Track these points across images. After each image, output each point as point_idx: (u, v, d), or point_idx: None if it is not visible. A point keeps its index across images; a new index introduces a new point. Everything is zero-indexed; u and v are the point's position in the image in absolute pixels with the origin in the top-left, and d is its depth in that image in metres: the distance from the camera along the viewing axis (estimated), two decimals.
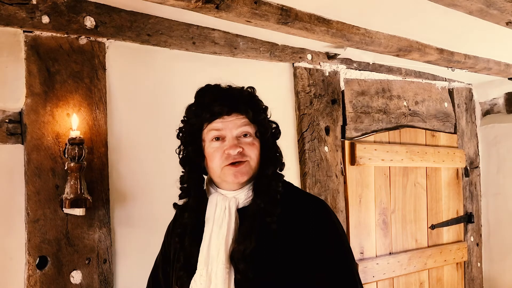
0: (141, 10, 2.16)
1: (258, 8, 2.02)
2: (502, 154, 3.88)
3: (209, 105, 1.47)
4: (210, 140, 1.48)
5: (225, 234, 1.44)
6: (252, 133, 1.48)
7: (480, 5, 2.11)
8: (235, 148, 1.44)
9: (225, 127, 1.46)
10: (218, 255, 1.43)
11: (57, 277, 1.92)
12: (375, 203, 3.14)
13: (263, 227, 1.42)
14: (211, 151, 1.48)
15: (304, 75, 2.84)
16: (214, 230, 1.46)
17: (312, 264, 1.40)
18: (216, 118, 1.46)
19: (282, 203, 1.47)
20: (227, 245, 1.43)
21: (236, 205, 1.48)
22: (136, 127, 2.19)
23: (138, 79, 2.21)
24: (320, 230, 1.45)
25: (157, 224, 2.09)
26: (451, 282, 3.62)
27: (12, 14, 1.86)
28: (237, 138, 1.47)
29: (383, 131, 3.24)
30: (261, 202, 1.45)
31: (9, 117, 1.89)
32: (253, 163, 1.48)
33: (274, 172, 1.51)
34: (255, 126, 1.49)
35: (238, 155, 1.45)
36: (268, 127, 1.54)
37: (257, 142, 1.49)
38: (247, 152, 1.46)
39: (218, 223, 1.46)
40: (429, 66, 3.13)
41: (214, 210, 1.49)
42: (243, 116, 1.47)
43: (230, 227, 1.45)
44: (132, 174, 2.17)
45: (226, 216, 1.46)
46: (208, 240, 1.46)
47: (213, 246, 1.45)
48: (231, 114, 1.46)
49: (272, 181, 1.49)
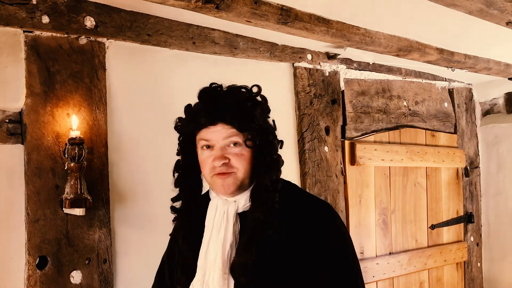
0: (141, 10, 2.16)
1: (258, 8, 2.02)
2: (502, 154, 3.88)
3: (195, 116, 1.46)
4: (201, 148, 1.48)
5: (222, 240, 1.44)
6: (241, 142, 1.43)
7: (480, 5, 2.11)
8: (220, 160, 1.42)
9: (213, 137, 1.44)
10: (215, 260, 1.42)
11: (57, 277, 1.92)
12: (375, 203, 3.14)
13: (264, 237, 1.41)
14: (202, 159, 1.48)
15: (304, 75, 2.84)
16: (213, 235, 1.46)
17: (315, 272, 1.39)
18: (202, 128, 1.45)
19: (284, 209, 1.45)
20: (225, 250, 1.43)
21: (235, 210, 1.47)
22: (136, 127, 2.19)
23: (138, 79, 2.21)
24: (323, 238, 1.43)
25: (157, 224, 2.10)
26: (451, 282, 3.62)
27: (12, 14, 1.85)
28: (226, 147, 1.44)
29: (383, 131, 3.24)
30: (260, 214, 1.42)
31: (9, 117, 1.89)
32: (240, 174, 1.44)
33: (271, 181, 1.46)
34: (244, 135, 1.44)
35: (223, 167, 1.43)
36: (262, 134, 1.47)
37: (246, 152, 1.44)
38: (233, 163, 1.43)
39: (217, 227, 1.46)
40: (429, 66, 3.13)
41: (214, 214, 1.49)
42: (230, 126, 1.42)
43: (228, 232, 1.44)
44: (132, 174, 2.17)
45: (224, 221, 1.46)
46: (207, 245, 1.46)
47: (211, 251, 1.45)
48: (216, 124, 1.43)
49: (269, 192, 1.45)
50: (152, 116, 2.23)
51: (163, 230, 1.73)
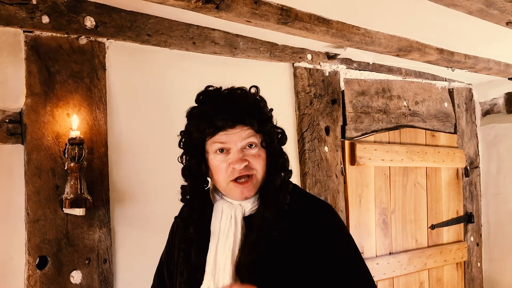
0: (141, 10, 2.16)
1: (258, 8, 2.02)
2: (502, 154, 3.88)
3: (211, 118, 1.38)
4: (214, 152, 1.42)
5: (231, 245, 1.39)
6: (257, 143, 1.42)
7: (480, 5, 2.11)
8: (241, 163, 1.38)
9: (229, 140, 1.39)
10: (225, 266, 1.39)
11: (57, 277, 1.92)
12: (375, 203, 3.14)
13: (270, 239, 1.39)
14: (216, 164, 1.42)
15: (304, 75, 2.84)
16: (221, 240, 1.42)
17: (320, 273, 1.39)
18: (219, 131, 1.39)
19: (289, 212, 1.43)
20: (234, 256, 1.39)
21: (242, 213, 1.43)
22: (136, 127, 2.19)
23: (138, 79, 2.21)
24: (327, 237, 1.42)
25: (157, 224, 2.10)
26: (451, 282, 3.62)
27: (12, 14, 1.85)
28: (242, 149, 1.40)
29: (383, 131, 3.24)
30: (269, 215, 1.40)
31: (9, 117, 1.89)
32: (259, 176, 1.43)
33: (282, 182, 1.45)
34: (260, 136, 1.43)
35: (244, 169, 1.40)
36: (274, 135, 1.47)
37: (262, 153, 1.43)
38: (253, 164, 1.41)
39: (225, 233, 1.42)
40: (429, 66, 3.13)
41: (219, 219, 1.44)
42: (248, 127, 1.40)
43: (237, 237, 1.41)
44: (132, 174, 2.17)
45: (232, 226, 1.42)
46: (215, 251, 1.41)
47: (220, 257, 1.40)
48: (235, 126, 1.39)
49: (280, 193, 1.43)
50: (152, 116, 2.23)
51: (163, 229, 1.72)
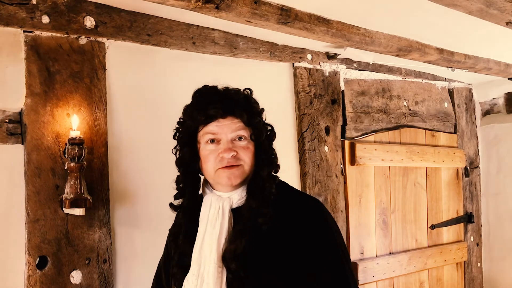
0: (141, 10, 2.16)
1: (258, 8, 2.02)
2: (502, 154, 3.88)
3: (204, 108, 1.48)
4: (205, 142, 1.50)
5: (217, 234, 1.46)
6: (247, 136, 1.50)
7: (480, 5, 2.11)
8: (229, 152, 1.46)
9: (220, 131, 1.48)
10: (210, 254, 1.45)
11: (57, 277, 1.92)
12: (375, 203, 3.14)
13: (255, 227, 1.44)
14: (206, 153, 1.50)
15: (304, 75, 2.84)
16: (208, 230, 1.48)
17: (304, 263, 1.41)
18: (211, 121, 1.48)
19: (276, 203, 1.48)
20: (220, 244, 1.45)
21: (230, 205, 1.50)
22: (136, 127, 2.19)
23: (138, 79, 2.21)
24: (312, 229, 1.45)
25: (157, 224, 2.10)
26: (451, 282, 3.62)
27: (12, 14, 1.86)
28: (232, 141, 1.48)
29: (383, 131, 3.24)
30: (253, 202, 1.47)
31: (9, 117, 1.89)
32: (247, 167, 1.50)
33: (268, 174, 1.52)
34: (250, 129, 1.51)
35: (232, 159, 1.47)
36: (263, 129, 1.55)
37: (251, 146, 1.51)
38: (241, 156, 1.48)
39: (212, 223, 1.48)
40: (429, 66, 3.13)
41: (208, 210, 1.51)
42: (238, 120, 1.48)
43: (223, 227, 1.47)
44: (132, 174, 2.17)
45: (219, 216, 1.48)
46: (202, 239, 1.48)
47: (206, 245, 1.47)
48: (226, 117, 1.48)
49: (266, 182, 1.50)
50: (152, 116, 2.23)
51: (163, 230, 1.73)
